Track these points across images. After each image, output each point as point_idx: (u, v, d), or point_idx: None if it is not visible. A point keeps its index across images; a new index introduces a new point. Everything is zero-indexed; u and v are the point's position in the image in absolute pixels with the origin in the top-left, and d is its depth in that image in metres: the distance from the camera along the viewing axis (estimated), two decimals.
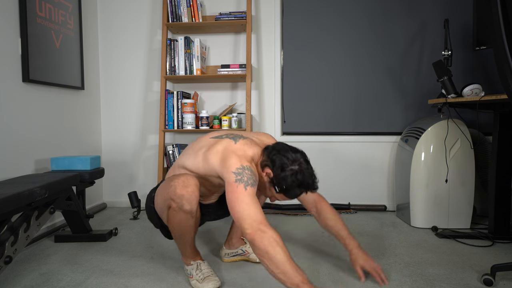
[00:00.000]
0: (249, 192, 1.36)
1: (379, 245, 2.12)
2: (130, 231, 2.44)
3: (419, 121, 2.63)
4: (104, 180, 3.14)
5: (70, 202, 2.07)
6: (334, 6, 2.95)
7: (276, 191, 1.49)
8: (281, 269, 1.27)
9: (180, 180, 1.47)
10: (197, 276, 1.58)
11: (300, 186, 1.45)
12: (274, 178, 1.46)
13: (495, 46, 1.48)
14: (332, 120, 3.00)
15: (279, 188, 1.47)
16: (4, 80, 2.10)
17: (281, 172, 1.44)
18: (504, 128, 2.12)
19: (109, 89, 3.12)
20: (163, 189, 1.56)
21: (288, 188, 1.45)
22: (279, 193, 1.49)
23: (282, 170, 1.44)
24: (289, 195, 1.48)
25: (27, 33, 2.21)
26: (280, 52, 3.00)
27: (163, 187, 1.57)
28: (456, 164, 2.39)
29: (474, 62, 2.84)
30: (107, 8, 3.09)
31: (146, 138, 3.12)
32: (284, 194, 1.48)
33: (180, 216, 1.51)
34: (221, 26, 2.86)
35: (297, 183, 1.43)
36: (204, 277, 1.56)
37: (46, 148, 2.44)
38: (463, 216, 2.41)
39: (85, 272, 1.77)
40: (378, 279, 1.57)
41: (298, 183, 1.44)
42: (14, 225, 1.66)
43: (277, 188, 1.47)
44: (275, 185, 1.47)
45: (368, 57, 2.94)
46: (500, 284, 1.59)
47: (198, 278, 1.57)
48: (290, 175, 1.43)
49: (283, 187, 1.45)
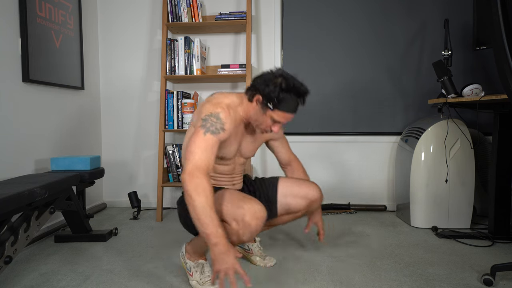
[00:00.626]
0: (206, 138, 1.40)
1: (379, 245, 2.12)
2: (130, 231, 2.44)
3: (419, 121, 2.63)
4: (104, 180, 3.14)
5: (70, 202, 2.07)
6: (334, 6, 2.95)
7: (271, 109, 1.46)
8: (197, 216, 1.30)
9: (252, 208, 1.41)
10: (198, 278, 1.58)
11: (290, 91, 1.45)
12: (264, 97, 1.46)
13: (495, 46, 1.48)
14: (332, 120, 3.00)
15: (272, 104, 1.45)
16: (4, 80, 2.10)
17: (266, 87, 1.45)
18: (504, 128, 2.12)
19: (109, 89, 3.12)
20: (228, 201, 1.47)
21: (280, 98, 1.44)
22: (275, 111, 1.46)
23: (267, 85, 1.45)
24: (285, 107, 1.45)
25: (27, 33, 2.21)
26: (280, 52, 3.00)
27: (229, 199, 1.47)
28: (456, 164, 2.39)
29: (474, 62, 2.84)
30: (107, 8, 3.09)
31: (146, 138, 3.12)
32: (280, 109, 1.45)
33: (231, 233, 1.45)
34: (221, 26, 2.86)
35: (286, 89, 1.44)
36: (205, 281, 1.58)
37: (46, 148, 2.44)
38: (463, 216, 2.41)
39: (85, 272, 1.77)
40: (321, 233, 1.85)
41: (287, 88, 1.44)
42: (14, 225, 1.66)
43: (271, 105, 1.45)
44: (267, 104, 1.46)
45: (368, 57, 2.94)
46: (500, 284, 1.59)
47: (199, 280, 1.58)
48: (277, 84, 1.44)
49: (275, 99, 1.44)
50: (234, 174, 1.70)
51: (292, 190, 1.72)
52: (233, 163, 1.67)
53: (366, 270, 1.77)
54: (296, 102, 1.48)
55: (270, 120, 1.50)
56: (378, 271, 1.75)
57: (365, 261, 1.88)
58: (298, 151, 2.99)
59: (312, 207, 1.74)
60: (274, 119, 1.48)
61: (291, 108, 1.47)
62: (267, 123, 1.51)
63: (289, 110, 1.47)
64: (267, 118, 1.49)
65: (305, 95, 1.49)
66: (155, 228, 2.51)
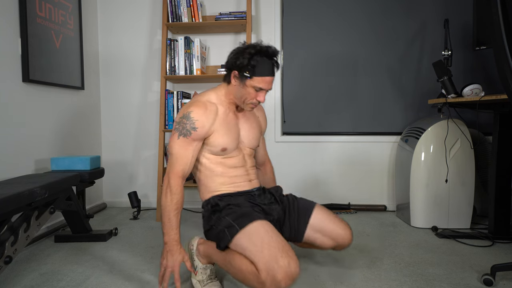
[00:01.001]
0: (179, 141, 1.52)
1: (379, 245, 2.12)
2: (130, 231, 2.44)
3: (419, 121, 2.63)
4: (104, 180, 3.14)
5: (70, 202, 2.07)
6: (334, 6, 2.95)
7: (249, 77, 1.50)
8: (162, 214, 1.50)
9: (289, 268, 1.30)
10: (201, 278, 1.57)
11: (261, 54, 1.49)
12: (238, 70, 1.52)
13: (495, 46, 1.48)
14: (332, 120, 3.00)
15: (248, 72, 1.50)
16: (4, 80, 2.10)
17: (237, 60, 1.51)
18: (504, 128, 2.12)
19: (109, 89, 3.12)
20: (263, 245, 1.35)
21: (253, 64, 1.48)
22: (253, 78, 1.51)
23: (237, 59, 1.51)
24: (261, 71, 1.50)
25: (27, 33, 2.21)
26: (280, 52, 3.00)
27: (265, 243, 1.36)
28: (456, 164, 2.39)
29: (474, 62, 2.84)
30: (107, 8, 3.09)
31: (146, 138, 3.12)
32: (257, 74, 1.50)
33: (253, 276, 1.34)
34: (221, 26, 2.86)
35: (256, 53, 1.49)
36: (207, 282, 1.57)
37: (46, 148, 2.44)
38: (463, 216, 2.41)
39: (85, 272, 1.77)
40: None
41: (256, 52, 1.49)
42: (14, 225, 1.66)
43: (247, 74, 1.50)
44: (244, 74, 1.51)
45: (368, 57, 2.94)
46: (500, 284, 1.59)
47: (202, 280, 1.57)
48: (245, 53, 1.50)
49: (249, 67, 1.49)
50: (247, 167, 1.68)
51: (323, 226, 1.61)
52: (240, 154, 1.66)
53: (366, 270, 1.77)
54: (270, 63, 1.52)
55: (253, 90, 1.54)
56: (378, 271, 1.76)
57: (365, 261, 1.88)
58: (298, 151, 3.00)
59: (337, 249, 1.66)
60: (255, 86, 1.53)
61: (267, 70, 1.52)
62: (251, 95, 1.55)
63: (266, 73, 1.52)
64: (249, 89, 1.54)
65: (275, 55, 1.53)
66: (155, 228, 2.51)
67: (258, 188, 1.69)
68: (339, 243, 1.61)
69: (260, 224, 1.44)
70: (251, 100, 1.57)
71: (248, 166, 1.69)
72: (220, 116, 1.59)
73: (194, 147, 1.54)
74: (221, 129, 1.57)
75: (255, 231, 1.41)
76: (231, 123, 1.62)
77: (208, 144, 1.58)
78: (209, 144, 1.58)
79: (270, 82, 1.55)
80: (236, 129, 1.64)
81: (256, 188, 1.68)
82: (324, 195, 2.98)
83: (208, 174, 1.62)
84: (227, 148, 1.60)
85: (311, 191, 2.97)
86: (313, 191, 2.97)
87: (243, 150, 1.68)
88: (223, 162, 1.62)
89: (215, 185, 1.62)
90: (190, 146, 1.53)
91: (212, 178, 1.62)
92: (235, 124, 1.64)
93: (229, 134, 1.60)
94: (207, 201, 1.63)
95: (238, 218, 1.46)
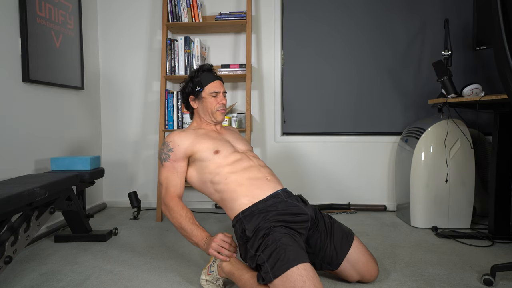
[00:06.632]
0: (164, 166, 1.68)
1: (379, 245, 2.12)
2: (130, 231, 2.44)
3: (419, 121, 2.63)
4: (104, 180, 3.14)
5: (70, 202, 2.07)
6: (334, 7, 2.95)
7: (202, 90, 1.75)
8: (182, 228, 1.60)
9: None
10: (211, 279, 1.56)
11: (199, 71, 1.78)
12: (191, 93, 1.78)
13: (495, 46, 1.48)
14: (332, 120, 3.00)
15: (198, 87, 1.75)
16: (4, 80, 2.10)
17: (186, 87, 1.79)
18: (504, 128, 2.12)
19: (109, 89, 3.12)
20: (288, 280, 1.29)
21: (197, 80, 1.75)
22: (204, 89, 1.74)
23: (186, 87, 1.79)
24: (207, 81, 1.75)
25: (27, 33, 2.21)
26: (280, 52, 3.00)
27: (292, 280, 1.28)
28: (456, 164, 2.39)
29: (474, 62, 2.84)
30: (107, 8, 3.09)
31: (146, 138, 3.12)
32: (205, 84, 1.74)
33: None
34: (221, 26, 2.86)
35: (195, 74, 1.77)
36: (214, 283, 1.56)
37: (46, 148, 2.44)
38: (463, 216, 2.41)
39: (85, 272, 1.77)
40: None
41: (194, 73, 1.78)
42: (14, 225, 1.66)
43: (198, 88, 1.75)
44: (197, 92, 1.76)
45: (368, 57, 2.94)
46: (500, 284, 1.59)
47: (210, 280, 1.56)
48: (189, 78, 1.80)
49: (196, 85, 1.76)
50: (257, 165, 1.66)
51: (358, 261, 1.57)
52: (242, 154, 1.68)
53: None
54: (209, 74, 1.78)
55: (211, 98, 1.75)
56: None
57: None
58: (298, 151, 3.00)
59: (360, 282, 1.62)
60: (210, 92, 1.74)
61: (211, 77, 1.77)
62: (213, 102, 1.75)
63: (211, 79, 1.76)
64: (208, 98, 1.75)
65: (210, 68, 1.80)
66: (155, 228, 2.51)
67: (283, 189, 1.62)
68: (364, 279, 1.59)
69: (298, 275, 1.29)
70: (216, 105, 1.75)
71: (257, 164, 1.67)
72: (201, 132, 1.73)
73: (180, 169, 1.67)
74: (204, 139, 1.69)
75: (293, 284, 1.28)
76: (215, 135, 1.74)
77: (200, 156, 1.64)
78: (201, 156, 1.64)
79: (220, 84, 1.78)
80: (222, 138, 1.74)
81: (280, 190, 1.60)
82: (324, 195, 2.98)
83: (225, 189, 1.58)
84: (219, 150, 1.64)
85: (311, 191, 2.97)
86: (313, 191, 2.97)
87: (242, 152, 1.70)
88: (232, 170, 1.60)
89: (236, 196, 1.56)
90: (174, 168, 1.66)
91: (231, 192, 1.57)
92: (219, 136, 1.75)
93: (215, 141, 1.68)
94: (236, 218, 1.56)
95: (275, 262, 1.32)
